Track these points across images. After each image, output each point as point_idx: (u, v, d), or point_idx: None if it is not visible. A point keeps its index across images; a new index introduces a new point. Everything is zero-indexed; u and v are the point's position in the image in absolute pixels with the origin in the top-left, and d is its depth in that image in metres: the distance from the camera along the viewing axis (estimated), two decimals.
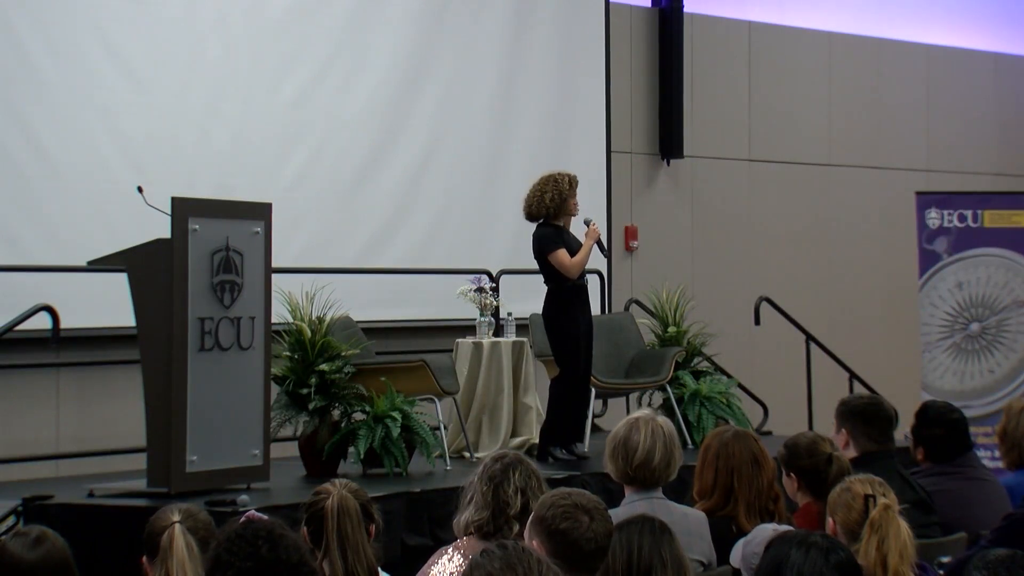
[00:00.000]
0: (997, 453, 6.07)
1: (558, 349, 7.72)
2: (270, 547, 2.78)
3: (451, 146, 9.70)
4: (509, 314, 8.38)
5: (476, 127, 9.82)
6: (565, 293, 7.65)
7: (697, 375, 8.80)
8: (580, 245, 7.68)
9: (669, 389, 8.51)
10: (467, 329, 8.37)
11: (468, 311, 8.35)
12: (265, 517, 3.09)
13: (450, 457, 7.60)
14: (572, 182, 7.69)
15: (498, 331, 8.35)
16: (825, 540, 3.36)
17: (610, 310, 10.00)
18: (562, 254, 7.60)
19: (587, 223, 7.72)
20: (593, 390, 8.09)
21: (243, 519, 3.06)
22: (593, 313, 7.99)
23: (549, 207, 7.65)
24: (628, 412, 6.58)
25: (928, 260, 9.80)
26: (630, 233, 10.94)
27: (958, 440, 5.58)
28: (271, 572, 2.73)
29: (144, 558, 3.71)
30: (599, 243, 7.73)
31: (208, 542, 3.27)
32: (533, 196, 7.69)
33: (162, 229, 6.31)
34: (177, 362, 6.23)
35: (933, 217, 9.81)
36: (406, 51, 9.49)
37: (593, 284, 9.28)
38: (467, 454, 7.90)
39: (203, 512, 3.81)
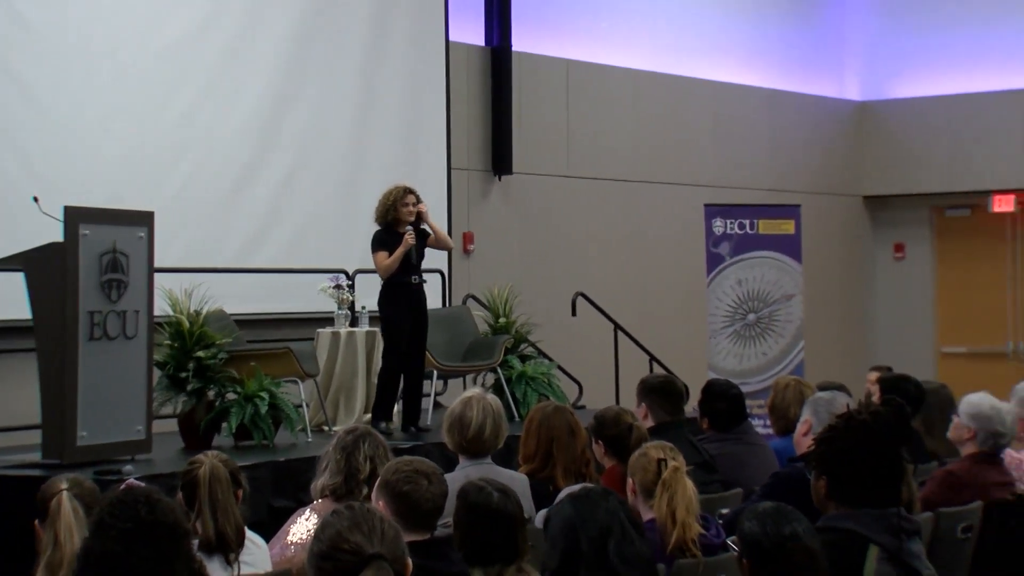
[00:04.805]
0: (768, 422, 6.23)
1: (384, 335, 7.59)
2: (148, 510, 2.71)
3: (315, 161, 9.60)
4: (363, 308, 8.32)
5: (337, 145, 9.74)
6: (391, 289, 7.46)
7: (523, 359, 8.86)
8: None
9: (499, 371, 8.54)
10: (327, 320, 8.29)
11: (328, 305, 8.27)
12: (143, 484, 3.03)
13: (311, 431, 7.52)
14: (405, 192, 7.45)
15: (353, 322, 8.29)
16: (587, 489, 3.38)
17: (450, 304, 9.99)
18: (378, 256, 7.41)
19: (405, 232, 7.44)
20: (435, 372, 8.06)
21: (123, 486, 3.00)
22: (435, 306, 7.94)
23: (384, 215, 7.50)
24: (465, 390, 6.60)
25: (714, 261, 10.00)
26: (468, 238, 10.95)
27: (736, 412, 5.72)
28: (148, 532, 2.66)
29: (36, 521, 3.62)
30: (411, 252, 7.39)
31: (93, 507, 3.19)
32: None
33: (57, 234, 6.15)
34: (69, 350, 6.06)
35: (718, 225, 10.02)
36: (277, 77, 9.36)
37: (435, 282, 9.27)
38: (326, 428, 7.82)
39: (89, 480, 3.73)
